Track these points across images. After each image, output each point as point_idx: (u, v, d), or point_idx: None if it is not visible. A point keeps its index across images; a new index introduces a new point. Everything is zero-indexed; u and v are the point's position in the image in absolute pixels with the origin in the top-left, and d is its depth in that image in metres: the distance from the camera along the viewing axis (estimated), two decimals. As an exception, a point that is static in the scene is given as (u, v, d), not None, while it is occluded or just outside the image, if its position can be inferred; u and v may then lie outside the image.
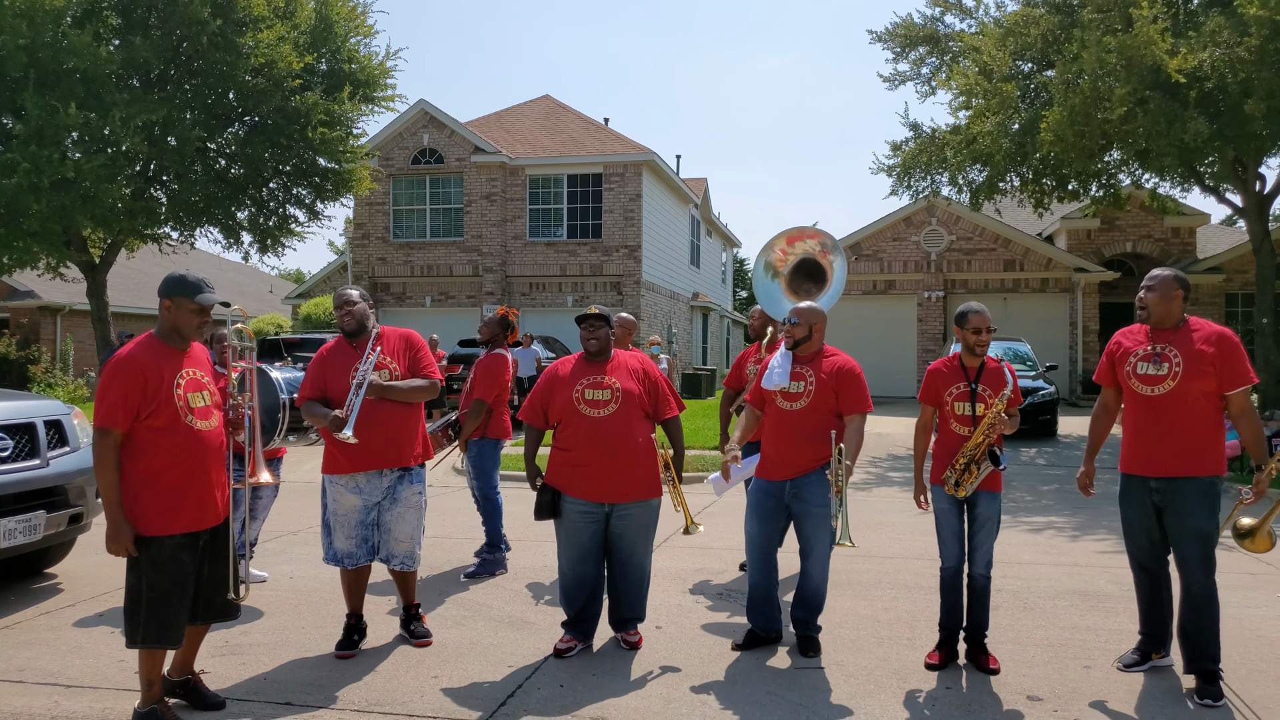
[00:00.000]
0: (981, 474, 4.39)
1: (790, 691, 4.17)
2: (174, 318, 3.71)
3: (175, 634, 3.65)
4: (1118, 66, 11.70)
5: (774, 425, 4.67)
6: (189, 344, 3.79)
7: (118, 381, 3.54)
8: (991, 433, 4.39)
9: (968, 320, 4.54)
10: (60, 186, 13.61)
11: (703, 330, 31.76)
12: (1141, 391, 4.18)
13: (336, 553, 4.64)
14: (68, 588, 5.97)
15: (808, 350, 4.67)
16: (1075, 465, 12.31)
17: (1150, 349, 4.18)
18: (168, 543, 3.59)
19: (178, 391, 3.63)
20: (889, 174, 15.81)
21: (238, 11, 14.60)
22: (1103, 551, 7.17)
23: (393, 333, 4.82)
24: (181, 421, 3.61)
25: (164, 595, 3.59)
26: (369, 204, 24.21)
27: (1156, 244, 23.58)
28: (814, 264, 5.88)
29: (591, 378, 4.61)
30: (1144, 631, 4.40)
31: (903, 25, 15.73)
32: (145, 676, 3.70)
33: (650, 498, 4.61)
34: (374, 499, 4.61)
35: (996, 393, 4.47)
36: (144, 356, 3.61)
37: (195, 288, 3.71)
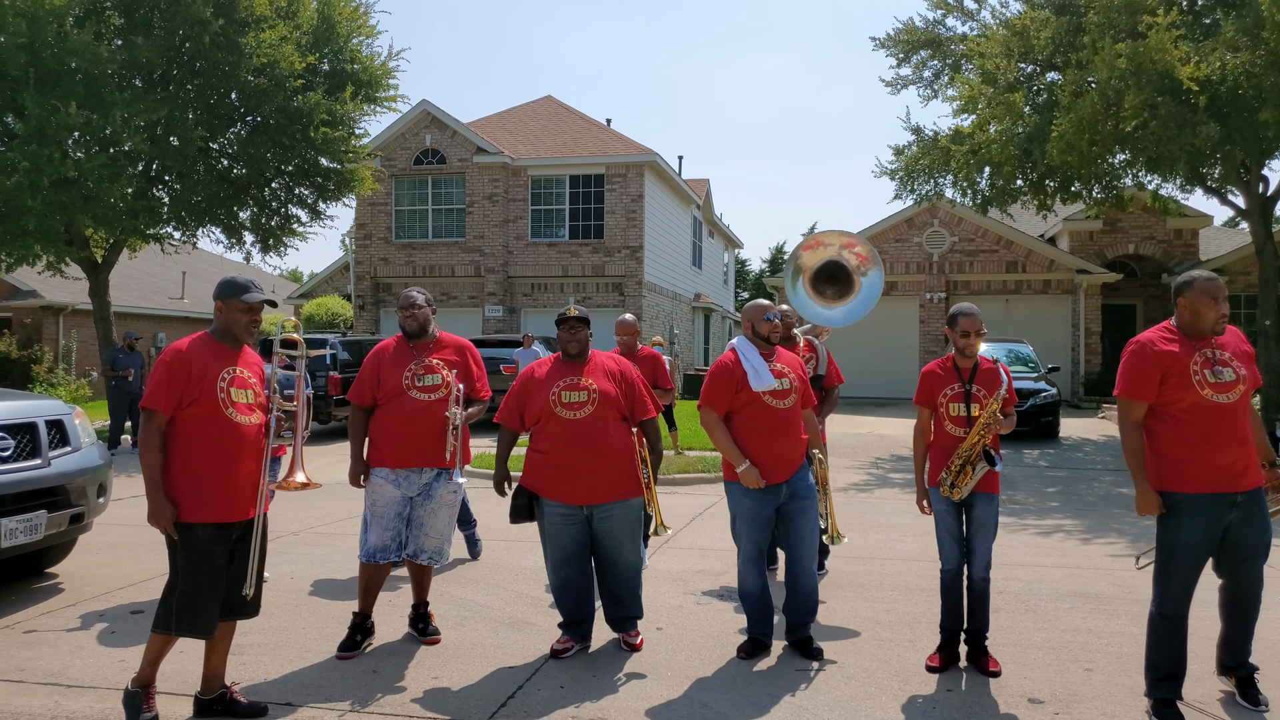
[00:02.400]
0: (977, 475, 4.38)
1: (790, 694, 4.16)
2: (225, 318, 3.89)
3: (206, 625, 3.73)
4: (1128, 74, 11.64)
5: (766, 427, 4.56)
6: (241, 345, 3.95)
7: (165, 369, 3.73)
8: (987, 433, 4.39)
9: (957, 323, 4.54)
10: (61, 186, 13.59)
11: (705, 331, 31.76)
12: (1217, 400, 3.77)
13: (372, 549, 4.67)
14: (69, 587, 5.97)
15: (768, 348, 4.76)
16: (1077, 467, 12.31)
17: (1208, 355, 3.84)
18: (200, 531, 3.69)
19: (221, 384, 3.78)
20: (892, 178, 15.80)
21: (240, 11, 14.58)
22: (1105, 554, 7.15)
23: (451, 342, 4.88)
24: (221, 412, 3.75)
25: (198, 585, 3.69)
26: (371, 204, 24.22)
27: (1159, 246, 23.56)
28: (839, 268, 5.78)
29: (568, 379, 4.58)
30: (1163, 675, 3.88)
31: (904, 30, 15.70)
32: (150, 656, 3.78)
33: (630, 497, 4.58)
34: (411, 493, 4.67)
35: (991, 393, 4.46)
36: (194, 348, 3.81)
37: (244, 288, 3.88)
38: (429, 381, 4.67)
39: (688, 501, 9.48)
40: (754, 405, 4.57)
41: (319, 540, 7.47)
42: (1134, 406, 3.90)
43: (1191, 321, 3.87)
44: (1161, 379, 3.82)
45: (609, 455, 4.49)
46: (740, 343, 4.72)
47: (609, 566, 4.65)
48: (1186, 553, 3.83)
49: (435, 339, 4.83)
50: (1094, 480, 11.22)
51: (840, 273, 5.78)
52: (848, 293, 5.78)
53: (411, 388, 4.66)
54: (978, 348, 4.53)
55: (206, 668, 3.89)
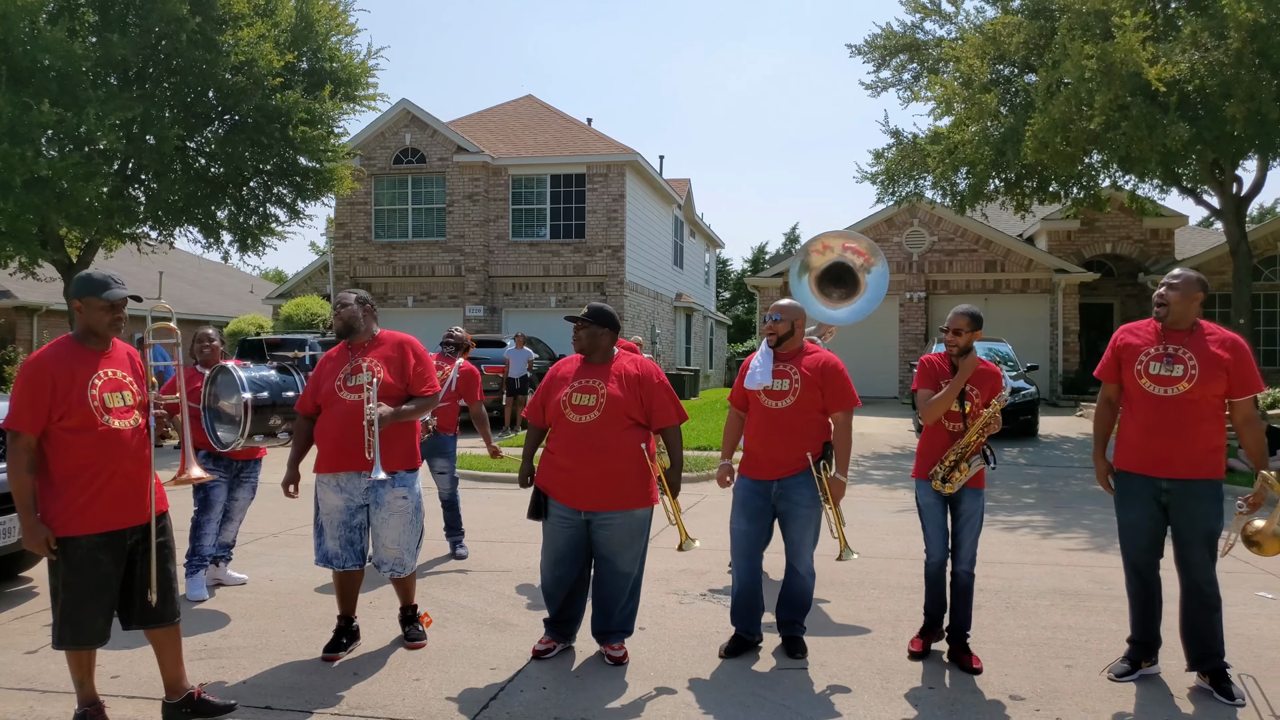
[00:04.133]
0: (972, 470, 4.46)
1: (774, 692, 4.16)
2: (85, 318, 3.66)
3: (90, 635, 3.59)
4: (1098, 74, 11.78)
5: (759, 425, 4.62)
6: (108, 343, 3.73)
7: (26, 385, 3.51)
8: (985, 432, 4.46)
9: (947, 320, 4.64)
10: (34, 185, 13.41)
11: (686, 331, 31.77)
12: (1153, 391, 4.10)
13: (326, 553, 4.59)
14: (42, 591, 5.88)
15: (789, 347, 4.66)
16: (1056, 465, 12.40)
17: (1162, 349, 4.13)
18: (83, 542, 3.54)
19: (92, 392, 3.57)
20: (873, 182, 15.90)
21: (217, 9, 14.46)
22: (1083, 550, 7.21)
23: (390, 339, 4.74)
24: (97, 421, 3.56)
25: (79, 595, 3.54)
26: (351, 204, 24.07)
27: (1136, 245, 23.78)
28: (845, 269, 5.78)
29: (583, 381, 4.50)
30: (1135, 639, 4.34)
31: (882, 34, 15.78)
32: (73, 676, 3.67)
33: (634, 508, 4.44)
34: (357, 500, 4.56)
35: (984, 393, 4.53)
36: (54, 359, 3.57)
37: (102, 285, 3.65)
38: (356, 381, 4.54)
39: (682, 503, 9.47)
40: (753, 401, 4.65)
41: (299, 542, 7.41)
42: (1103, 385, 4.44)
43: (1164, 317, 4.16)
44: (1118, 364, 4.30)
45: (611, 462, 4.37)
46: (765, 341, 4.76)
47: (603, 575, 4.57)
48: (1124, 526, 4.30)
49: (373, 338, 4.70)
50: (1071, 478, 11.31)
51: (846, 274, 5.79)
52: (854, 293, 5.80)
53: (342, 389, 4.55)
54: (958, 345, 4.56)
55: (164, 675, 3.80)
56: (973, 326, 4.55)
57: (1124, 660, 4.36)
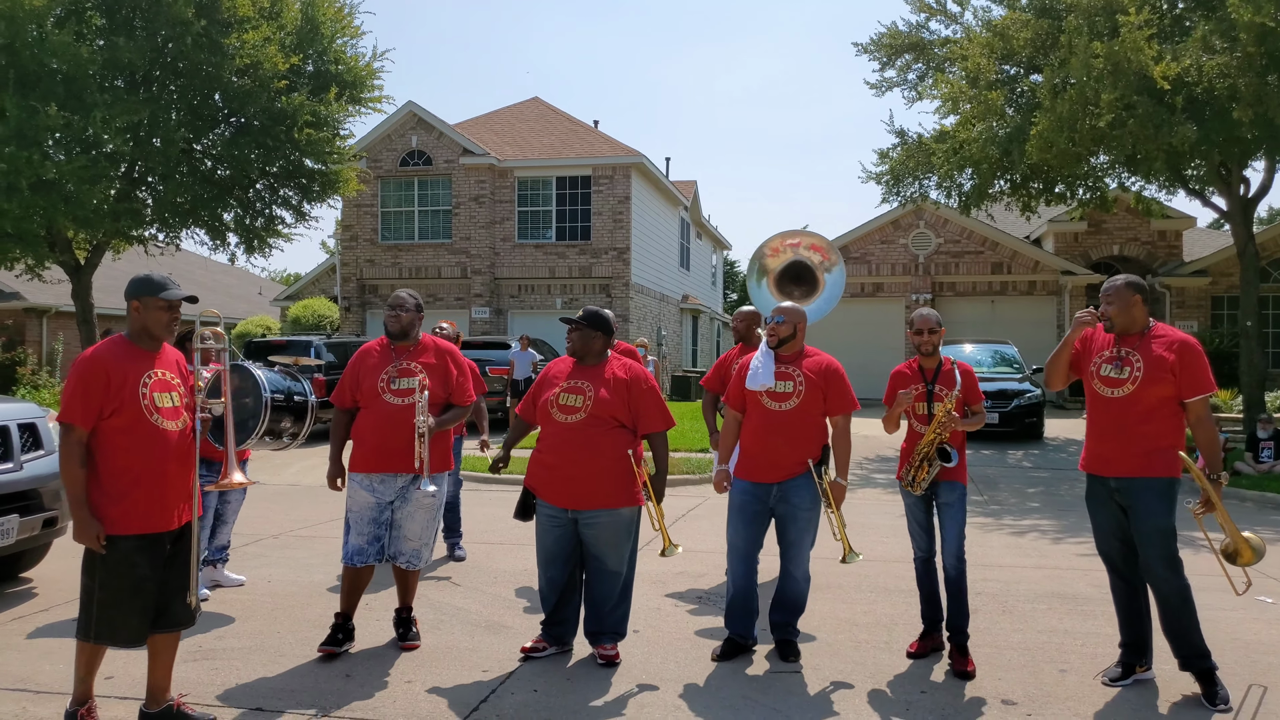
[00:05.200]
0: (933, 471, 4.52)
1: (765, 696, 4.16)
2: (142, 318, 3.68)
3: (125, 635, 3.58)
4: (1105, 73, 11.73)
5: (759, 427, 4.61)
6: (159, 345, 3.75)
7: (80, 380, 3.53)
8: (943, 431, 4.50)
9: (913, 323, 4.72)
10: (41, 188, 13.48)
11: (693, 332, 31.76)
12: (1103, 393, 4.22)
13: (349, 551, 4.65)
14: (42, 592, 5.92)
15: (791, 349, 4.67)
16: (1061, 468, 12.36)
17: (1115, 352, 4.23)
18: (122, 543, 3.54)
19: (143, 390, 3.59)
20: (878, 182, 15.84)
21: (223, 12, 14.51)
22: (1084, 554, 7.17)
23: (434, 346, 4.83)
24: (146, 420, 3.58)
25: (116, 597, 3.54)
26: (357, 206, 24.14)
27: (1143, 247, 23.68)
28: (804, 268, 5.83)
29: (573, 382, 4.56)
30: (1124, 642, 4.35)
31: (888, 34, 15.72)
32: (79, 671, 3.64)
33: (618, 507, 4.48)
34: (387, 498, 4.64)
35: (950, 391, 4.55)
36: (109, 356, 3.59)
37: (161, 285, 3.69)
38: (403, 385, 4.64)
39: (670, 503, 9.43)
40: (753, 402, 4.64)
41: (299, 544, 7.43)
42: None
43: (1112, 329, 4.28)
44: (1072, 366, 4.39)
45: (596, 461, 4.42)
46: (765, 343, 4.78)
47: (593, 575, 4.60)
48: (1095, 527, 4.41)
49: (417, 342, 4.79)
50: (1077, 481, 11.25)
51: (805, 272, 5.83)
52: (814, 291, 5.82)
53: (386, 391, 4.63)
54: (935, 344, 4.64)
55: (150, 680, 3.76)
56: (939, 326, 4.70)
57: (1117, 665, 4.34)
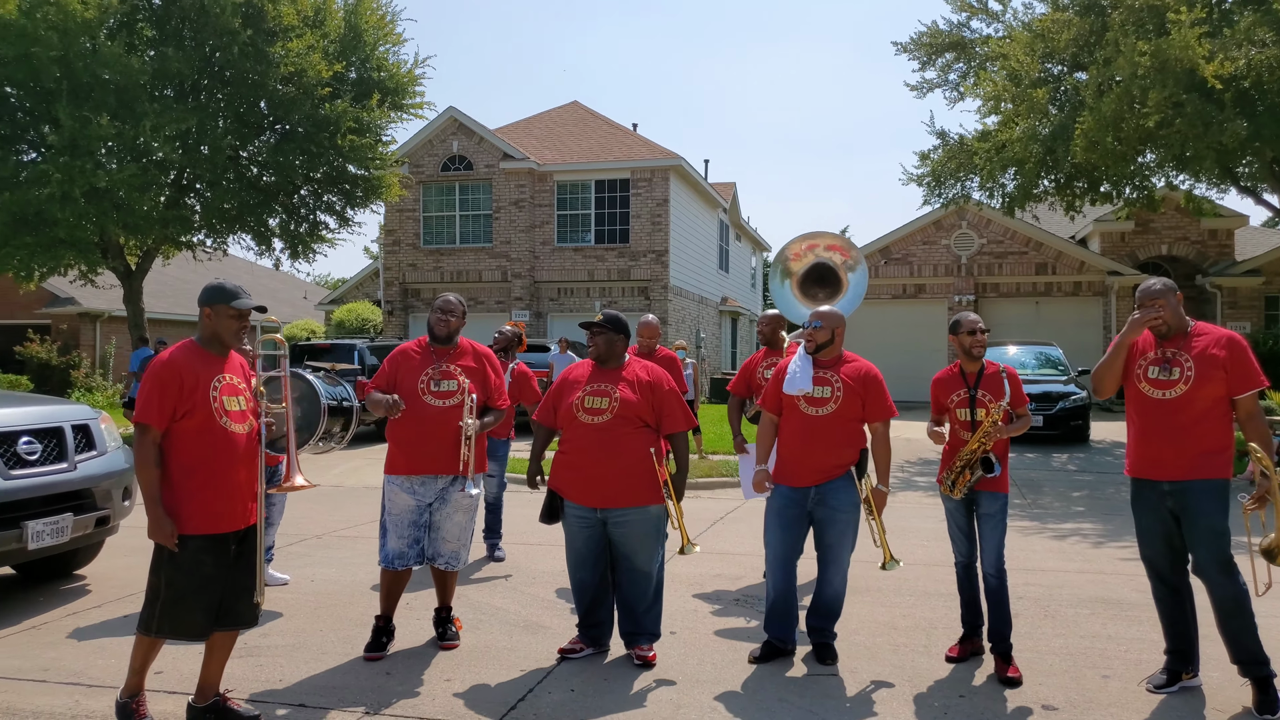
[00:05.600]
0: (974, 479, 4.45)
1: (802, 698, 4.15)
2: (214, 324, 3.83)
3: (190, 631, 3.70)
4: (1152, 71, 11.52)
5: (797, 431, 4.61)
6: (228, 351, 3.91)
7: (156, 382, 3.68)
8: (987, 440, 4.43)
9: (960, 325, 4.63)
10: (93, 196, 13.87)
11: (732, 334, 31.69)
12: (1152, 395, 4.13)
13: (389, 554, 4.71)
14: (95, 589, 6.08)
15: (829, 354, 4.66)
16: (1107, 471, 12.14)
17: (1160, 353, 4.14)
18: (190, 543, 3.66)
19: (214, 394, 3.74)
20: (919, 184, 15.68)
21: (268, 21, 14.83)
22: (1129, 559, 7.03)
23: (471, 350, 4.88)
24: (216, 423, 3.72)
25: (182, 595, 3.66)
26: (400, 210, 24.45)
27: (1193, 246, 23.18)
28: (827, 269, 5.84)
29: (596, 385, 4.60)
30: (1170, 649, 4.27)
31: (928, 33, 15.57)
32: (135, 663, 3.76)
33: (646, 504, 4.52)
34: (427, 500, 4.69)
35: (996, 399, 4.49)
36: (183, 359, 3.74)
37: (233, 294, 3.84)
38: (445, 387, 4.69)
39: (710, 506, 9.47)
40: (790, 406, 4.64)
41: (341, 544, 7.54)
42: None
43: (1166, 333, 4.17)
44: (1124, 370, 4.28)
45: (623, 460, 4.47)
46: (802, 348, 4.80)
47: (622, 575, 4.63)
48: (1141, 532, 4.28)
49: (456, 346, 4.85)
50: (1122, 485, 11.04)
51: (828, 274, 5.80)
52: (838, 292, 5.80)
53: (426, 392, 4.68)
54: (985, 345, 4.60)
55: (202, 676, 3.87)
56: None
57: (1163, 671, 4.26)
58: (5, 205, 13.58)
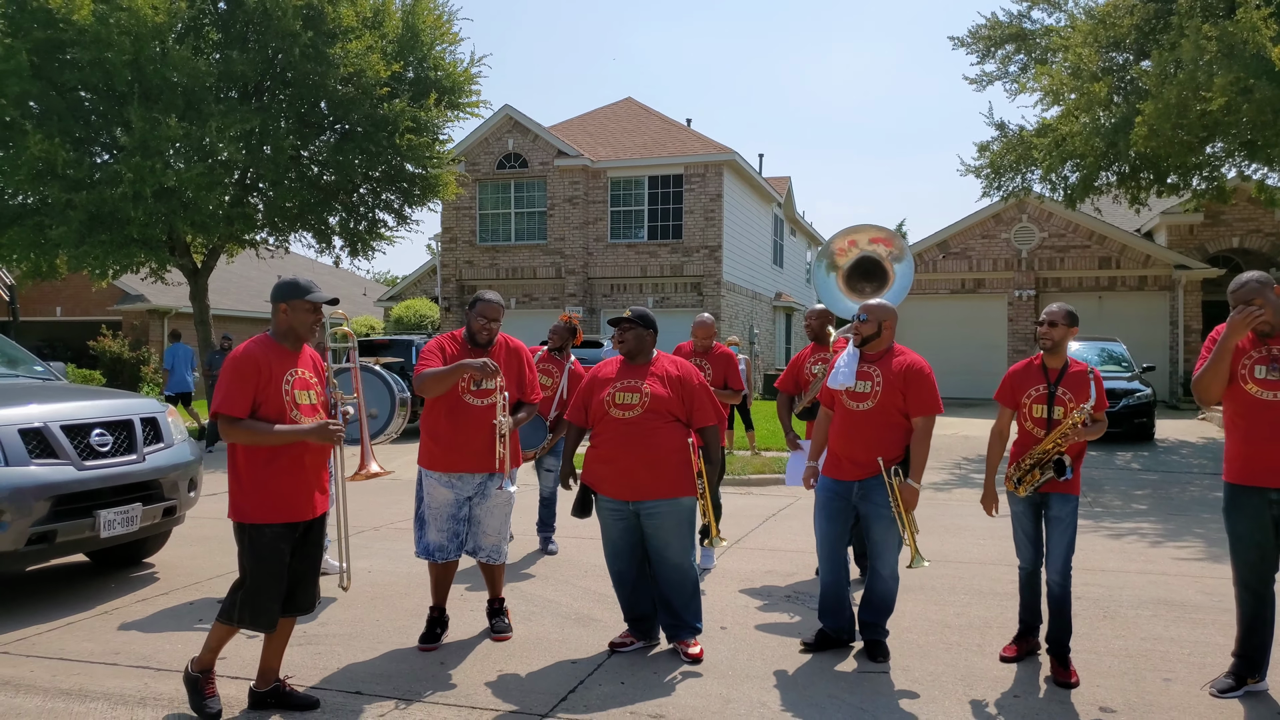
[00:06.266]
0: (1043, 480, 4.31)
1: (852, 695, 4.13)
2: (289, 319, 3.90)
3: (267, 620, 3.82)
4: (1218, 55, 11.17)
5: (841, 425, 4.63)
6: (301, 346, 3.99)
7: (236, 374, 3.76)
8: (1064, 442, 4.30)
9: (1040, 315, 4.50)
10: (162, 195, 14.29)
11: (786, 330, 31.49)
12: (1260, 396, 3.90)
13: (428, 546, 4.78)
14: (163, 577, 6.29)
15: (876, 348, 4.62)
16: (1172, 470, 11.83)
17: (1265, 351, 3.92)
18: (268, 531, 3.77)
19: (286, 387, 3.83)
20: (977, 175, 15.40)
21: (328, 23, 15.09)
22: (1194, 560, 6.87)
23: (506, 346, 4.91)
24: (288, 416, 3.81)
25: (260, 582, 3.79)
26: (456, 208, 24.75)
27: (1266, 239, 22.39)
28: (873, 263, 5.77)
29: (626, 381, 4.62)
30: (1238, 653, 4.14)
31: (987, 25, 15.28)
32: (212, 644, 3.90)
33: (678, 496, 4.52)
34: (465, 494, 4.75)
35: (1077, 398, 4.36)
36: (259, 352, 3.83)
37: (307, 289, 3.92)
38: (484, 385, 4.70)
39: (762, 502, 9.44)
40: (837, 401, 4.68)
41: (399, 535, 7.68)
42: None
43: (1269, 332, 3.94)
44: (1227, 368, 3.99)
45: (655, 452, 4.49)
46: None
47: (657, 568, 4.64)
48: (1233, 539, 4.10)
49: (493, 343, 4.86)
50: (1189, 484, 10.76)
51: (874, 267, 5.74)
52: (884, 284, 5.75)
53: (466, 391, 4.69)
54: (1051, 339, 4.43)
55: (263, 661, 3.98)
56: (1069, 322, 4.44)
57: (1228, 675, 4.14)
58: (81, 205, 14.04)
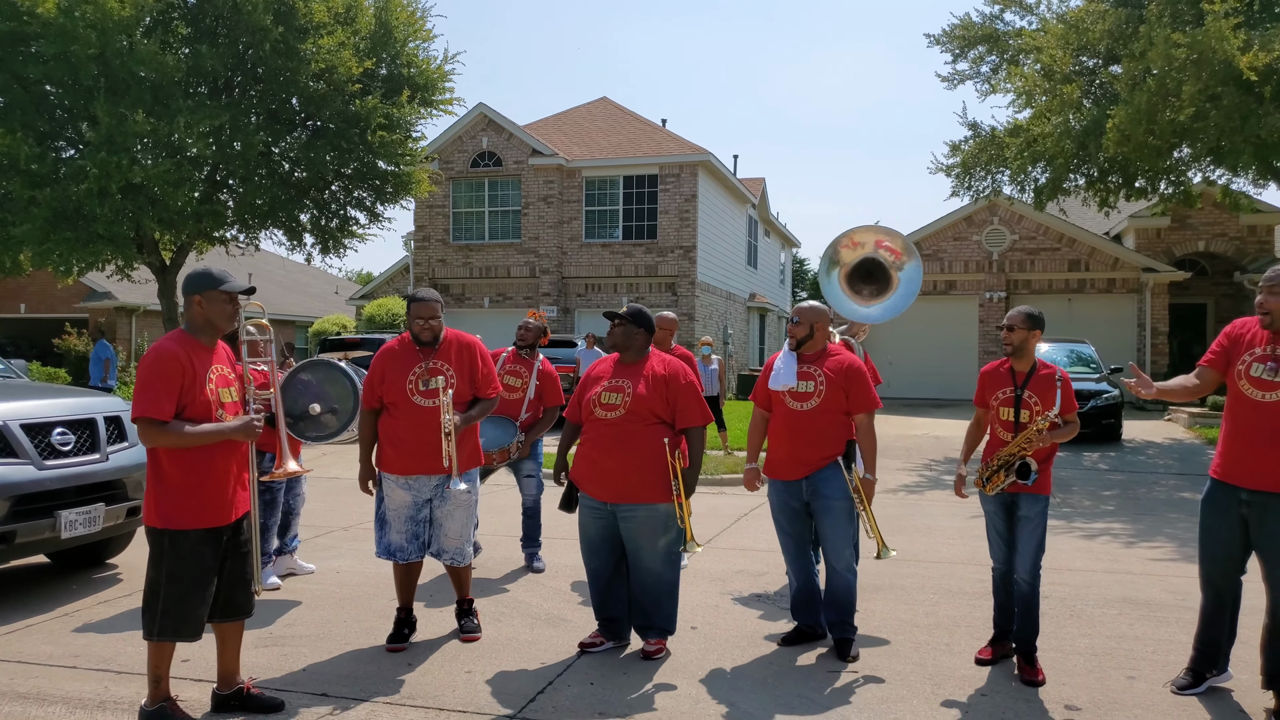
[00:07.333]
0: (1007, 483, 4.37)
1: (821, 695, 4.14)
2: (206, 311, 3.71)
3: (192, 627, 3.66)
4: (1187, 63, 11.32)
5: (784, 425, 4.71)
6: (217, 340, 3.82)
7: (157, 375, 3.54)
8: (1029, 446, 4.33)
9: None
10: (129, 191, 14.09)
11: (760, 331, 31.58)
12: (1252, 395, 3.86)
13: (389, 546, 4.73)
14: (126, 578, 6.19)
15: (812, 349, 4.73)
16: (1139, 470, 11.97)
17: (1269, 350, 3.87)
18: (191, 535, 3.62)
19: (209, 386, 3.67)
20: (948, 174, 15.53)
21: (299, 19, 14.94)
22: (1161, 560, 6.95)
23: (456, 341, 4.82)
24: (212, 415, 3.65)
25: (184, 589, 3.62)
26: (429, 206, 24.60)
27: (1231, 243, 22.75)
28: (876, 265, 5.71)
29: (614, 381, 4.62)
30: (1197, 648, 4.18)
31: (961, 25, 15.41)
32: (153, 672, 3.69)
33: (654, 502, 4.49)
34: (425, 495, 4.70)
35: (1043, 401, 4.38)
36: (179, 349, 3.63)
37: (222, 279, 3.73)
38: (432, 385, 4.63)
39: (734, 502, 9.45)
40: (777, 402, 4.74)
41: (367, 536, 7.60)
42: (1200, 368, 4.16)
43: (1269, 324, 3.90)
44: (1226, 357, 4.00)
45: (635, 456, 4.48)
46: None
47: (633, 570, 4.65)
48: (1202, 533, 4.12)
49: (441, 341, 4.78)
50: (1155, 484, 10.90)
51: (877, 270, 5.71)
52: (885, 290, 5.71)
53: (415, 393, 4.63)
54: (1012, 343, 4.47)
55: (221, 666, 3.89)
56: (1029, 325, 4.45)
57: (1187, 673, 4.18)
58: (46, 201, 13.81)
